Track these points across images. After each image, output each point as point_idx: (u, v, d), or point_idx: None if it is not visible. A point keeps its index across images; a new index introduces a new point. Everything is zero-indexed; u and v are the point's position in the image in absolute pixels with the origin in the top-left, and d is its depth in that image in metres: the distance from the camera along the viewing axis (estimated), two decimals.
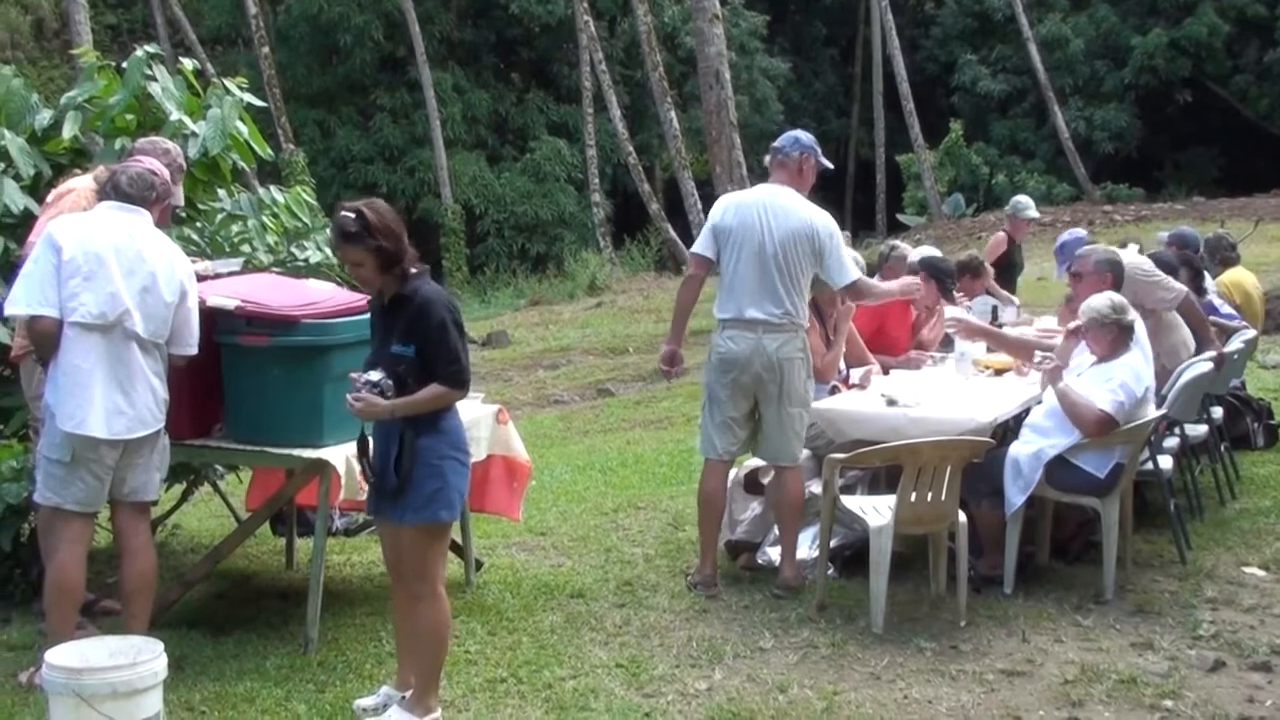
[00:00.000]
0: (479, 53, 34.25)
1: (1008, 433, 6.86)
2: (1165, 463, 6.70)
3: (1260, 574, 6.37)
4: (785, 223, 6.19)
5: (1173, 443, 7.10)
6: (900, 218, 31.72)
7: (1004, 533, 6.13)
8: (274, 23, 32.68)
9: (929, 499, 5.70)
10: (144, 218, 5.11)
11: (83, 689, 4.02)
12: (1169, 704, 4.90)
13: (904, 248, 8.76)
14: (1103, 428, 5.94)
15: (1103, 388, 5.99)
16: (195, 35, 31.03)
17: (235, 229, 6.88)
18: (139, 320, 4.95)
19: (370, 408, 4.47)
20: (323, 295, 5.63)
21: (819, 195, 6.56)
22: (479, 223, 31.32)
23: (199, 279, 5.40)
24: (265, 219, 6.97)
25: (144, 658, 4.18)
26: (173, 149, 5.74)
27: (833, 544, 6.22)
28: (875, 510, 5.87)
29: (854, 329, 7.38)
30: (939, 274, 7.97)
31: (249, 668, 5.31)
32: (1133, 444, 6.09)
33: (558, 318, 21.69)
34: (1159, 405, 6.56)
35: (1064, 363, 6.37)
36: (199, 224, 6.80)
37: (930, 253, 8.68)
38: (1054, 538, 6.59)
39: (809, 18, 39.52)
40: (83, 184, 5.69)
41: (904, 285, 6.96)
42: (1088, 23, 33.18)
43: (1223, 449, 7.91)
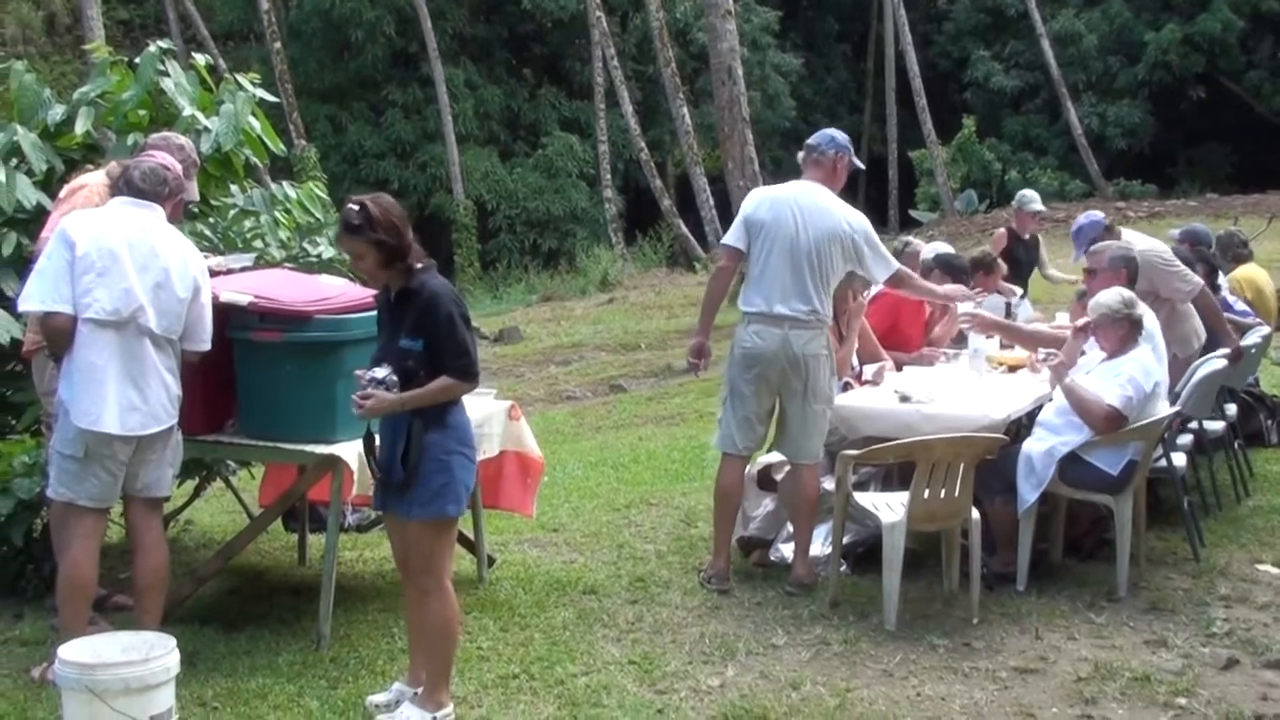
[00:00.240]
0: (491, 48, 34.23)
1: (1021, 429, 6.84)
2: (1179, 460, 6.68)
3: (1274, 571, 6.35)
4: (820, 222, 6.20)
5: (1186, 439, 7.08)
6: (912, 214, 31.66)
7: (1017, 530, 6.12)
8: (286, 18, 32.71)
9: (942, 496, 5.69)
10: (157, 213, 5.11)
11: (95, 684, 4.03)
12: (1182, 702, 4.89)
13: (917, 244, 8.74)
14: (1111, 424, 5.92)
15: (1111, 383, 5.97)
16: (207, 30, 31.08)
17: (248, 224, 6.88)
18: (152, 316, 4.95)
19: (379, 403, 4.47)
20: (335, 291, 5.63)
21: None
22: (491, 218, 31.31)
23: (211, 274, 5.40)
24: (278, 214, 6.97)
25: (157, 653, 4.19)
26: (186, 144, 5.74)
27: (845, 541, 6.20)
28: (888, 507, 5.86)
29: (867, 325, 7.36)
30: (953, 271, 7.93)
31: (261, 664, 5.31)
32: (1146, 441, 6.07)
33: (569, 313, 21.69)
34: (1172, 402, 6.54)
35: (1071, 360, 6.36)
36: (211, 219, 6.80)
37: (943, 249, 8.65)
38: (1067, 535, 6.57)
39: (821, 13, 39.44)
40: (95, 179, 5.70)
41: (951, 291, 7.08)
42: (1101, 18, 33.06)
43: (1236, 446, 7.88)
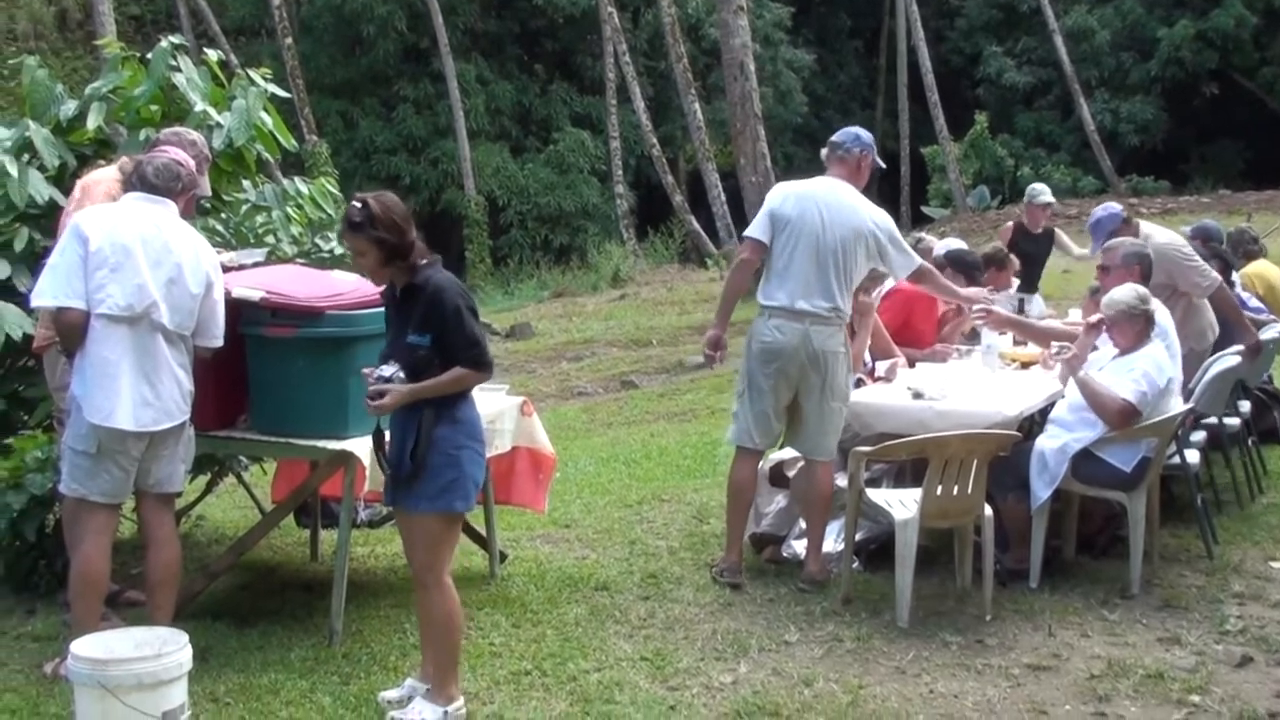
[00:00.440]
0: (502, 44, 34.24)
1: (1034, 426, 6.82)
2: (1192, 457, 6.65)
3: None
4: (845, 220, 6.20)
5: (1199, 436, 7.05)
6: (925, 210, 31.63)
7: (1030, 527, 6.10)
8: (297, 13, 32.76)
9: (955, 492, 5.67)
10: (170, 209, 5.10)
11: (108, 680, 4.04)
12: (1196, 699, 4.87)
13: (930, 240, 8.72)
14: (1125, 418, 5.90)
15: (1125, 378, 5.95)
16: (218, 26, 31.10)
17: (260, 220, 6.88)
18: (165, 312, 4.95)
19: (394, 397, 4.48)
20: (347, 286, 5.63)
21: None
22: (502, 214, 31.33)
23: (223, 270, 5.40)
24: (289, 210, 6.97)
25: (169, 649, 4.19)
26: (198, 140, 5.73)
27: (858, 537, 6.19)
28: (901, 503, 5.85)
29: (880, 322, 7.35)
30: (966, 267, 7.91)
31: (273, 659, 5.32)
32: (1159, 438, 6.04)
33: (581, 309, 21.68)
34: (1186, 398, 6.52)
35: (1083, 355, 6.33)
36: (224, 215, 6.81)
37: (956, 246, 8.63)
38: (1080, 532, 6.54)
39: (833, 9, 39.39)
40: (109, 175, 5.70)
41: (973, 294, 7.10)
42: (1114, 14, 32.98)
43: (1250, 443, 7.85)
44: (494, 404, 6.19)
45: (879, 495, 6.05)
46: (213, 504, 7.76)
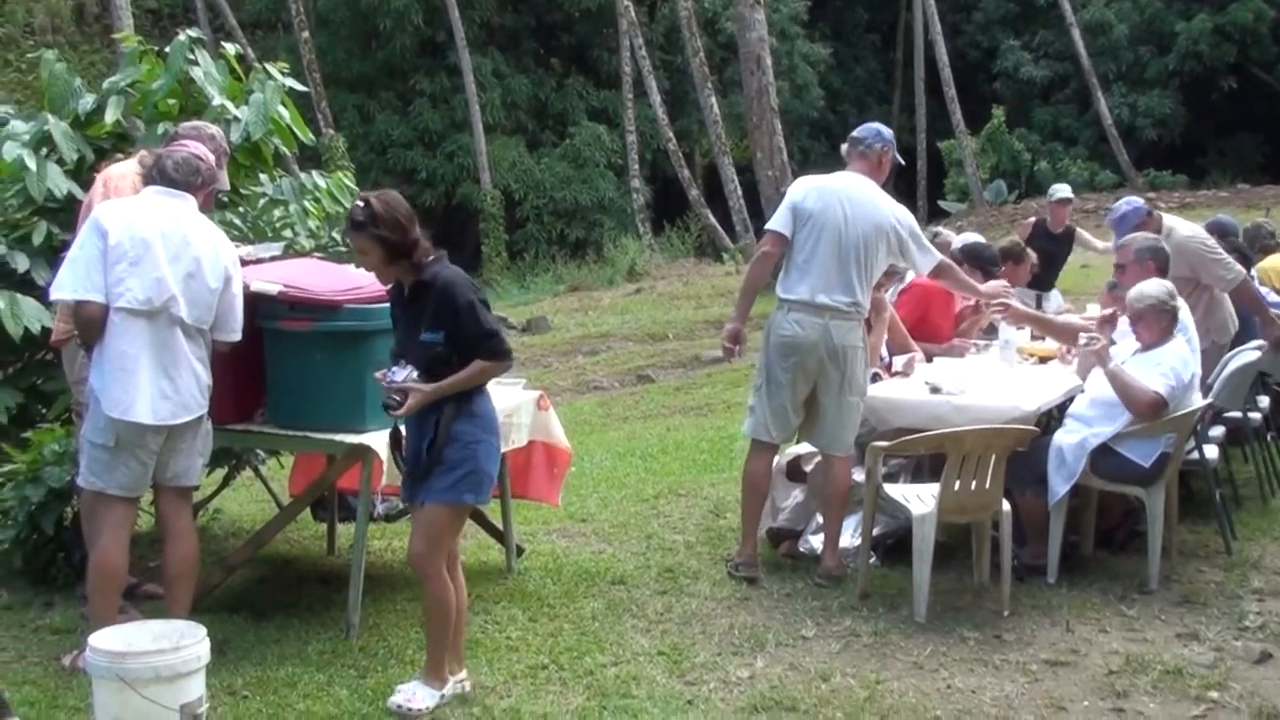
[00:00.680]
0: (519, 38, 34.21)
1: (1051, 421, 6.80)
2: (1211, 452, 6.62)
3: None
4: (867, 215, 6.20)
5: (1218, 431, 7.02)
6: (941, 204, 31.52)
7: (1048, 522, 6.08)
8: (314, 7, 32.75)
9: (973, 487, 5.66)
10: (189, 203, 5.11)
11: (126, 673, 4.05)
12: (1215, 695, 4.85)
13: (947, 234, 8.68)
14: (1155, 410, 5.88)
15: (1153, 372, 5.92)
16: (235, 20, 31.12)
17: (277, 214, 6.90)
18: (184, 306, 4.95)
19: (416, 398, 4.50)
20: (365, 280, 5.60)
21: None
22: (518, 208, 31.32)
23: (241, 264, 5.40)
24: (307, 204, 6.99)
25: (187, 642, 4.21)
26: (217, 134, 5.74)
27: (875, 532, 6.18)
28: (918, 498, 5.84)
29: (897, 316, 7.33)
30: (982, 262, 7.87)
31: (291, 652, 5.33)
32: (1179, 433, 6.02)
33: (597, 304, 21.66)
34: (1206, 392, 6.49)
35: (1084, 370, 6.31)
36: (241, 208, 6.83)
37: (973, 240, 8.58)
38: (1098, 527, 6.53)
39: (850, 3, 39.27)
40: (129, 169, 5.71)
41: (992, 289, 7.08)
42: (1131, 8, 32.80)
43: (1269, 438, 7.82)
44: (511, 398, 6.19)
45: (896, 490, 6.04)
46: (230, 497, 7.78)
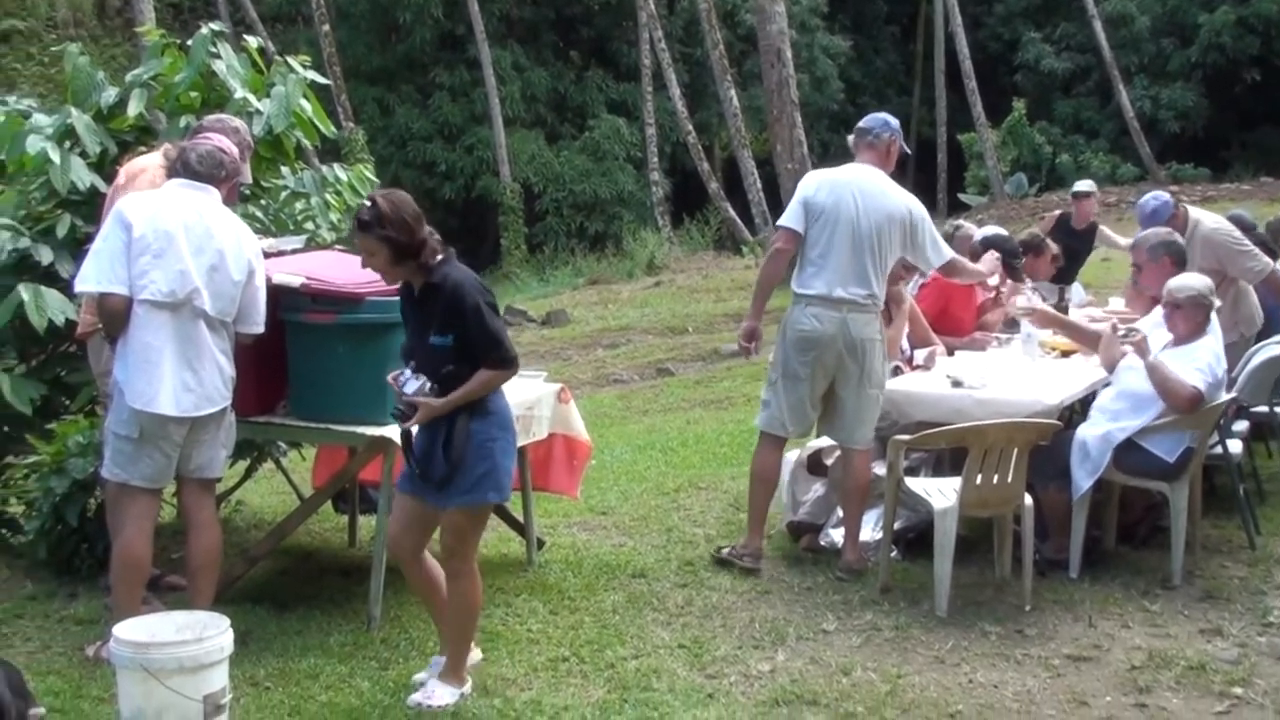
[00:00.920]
0: (538, 30, 34.20)
1: (1074, 415, 6.78)
2: (1235, 446, 6.59)
3: None
4: (879, 206, 6.19)
5: (1242, 426, 6.98)
6: (962, 197, 31.41)
7: (1070, 516, 6.06)
8: (334, 0, 32.78)
9: (995, 481, 5.64)
10: (213, 196, 5.13)
11: (150, 663, 4.07)
12: (1238, 691, 4.83)
13: (968, 227, 8.64)
14: (1193, 405, 5.85)
15: (1189, 366, 5.89)
16: (256, 13, 31.18)
17: (299, 206, 6.91)
18: (207, 298, 4.97)
19: (427, 412, 4.52)
20: None
21: None
22: (537, 201, 31.31)
23: (263, 256, 5.41)
24: (328, 197, 6.99)
25: (210, 633, 4.23)
26: (241, 127, 5.74)
27: (896, 526, 6.16)
28: (940, 492, 5.82)
29: (918, 309, 7.31)
30: (1004, 253, 7.83)
31: (313, 644, 5.35)
32: (1202, 428, 5.99)
33: (616, 297, 21.65)
34: (1229, 386, 6.45)
35: (1108, 362, 6.27)
36: (263, 201, 6.83)
37: (994, 232, 8.54)
38: (1121, 522, 6.49)
39: None
40: (153, 162, 5.72)
41: (989, 264, 7.11)
42: (1154, 0, 32.63)
43: None
44: (531, 391, 6.20)
45: (918, 484, 6.02)
46: (251, 489, 7.80)
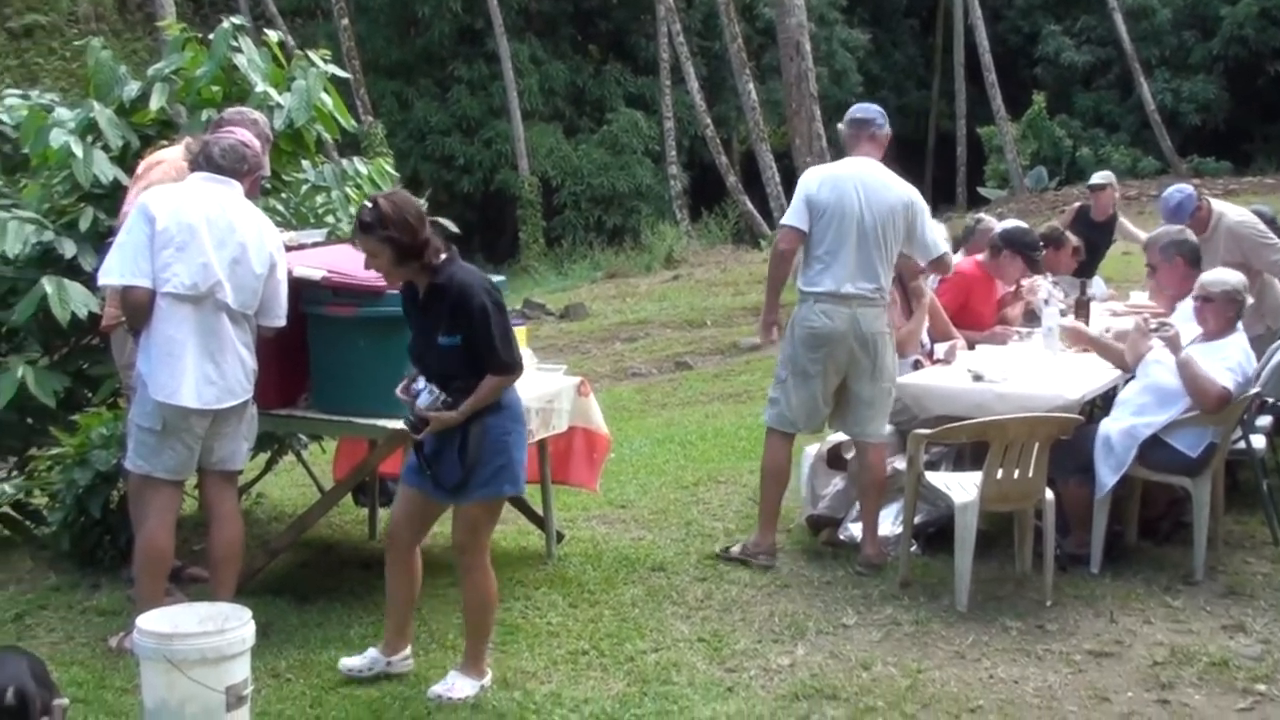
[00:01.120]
0: (556, 24, 34.20)
1: (1095, 409, 6.75)
2: (1258, 442, 6.56)
3: None
4: (883, 198, 6.17)
5: (1265, 421, 6.94)
6: (981, 191, 31.29)
7: (1091, 511, 6.03)
8: None
9: (1015, 476, 5.62)
10: (235, 189, 5.14)
11: (173, 654, 4.08)
12: (1261, 688, 4.81)
13: (989, 221, 8.59)
14: (1221, 404, 5.81)
15: (1219, 364, 5.85)
16: (275, 7, 31.22)
17: (320, 200, 6.93)
18: (229, 291, 4.99)
19: (439, 424, 4.55)
20: None
21: (899, 168, 6.48)
22: (556, 195, 31.31)
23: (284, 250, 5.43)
24: (349, 190, 7.01)
25: (232, 624, 4.24)
26: (260, 119, 5.76)
27: (916, 521, 6.15)
28: (960, 487, 5.80)
29: (938, 303, 7.29)
30: (1023, 247, 7.80)
31: (333, 636, 5.36)
32: (1226, 423, 5.96)
33: (634, 290, 21.64)
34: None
35: (1134, 356, 6.24)
36: (284, 195, 6.86)
37: (1013, 225, 8.49)
38: (1143, 517, 6.46)
39: None
40: (171, 155, 5.75)
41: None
42: None
43: None
44: (551, 384, 6.20)
45: (938, 478, 6.00)
46: (272, 482, 7.83)
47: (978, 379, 6.32)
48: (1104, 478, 5.95)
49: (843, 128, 6.43)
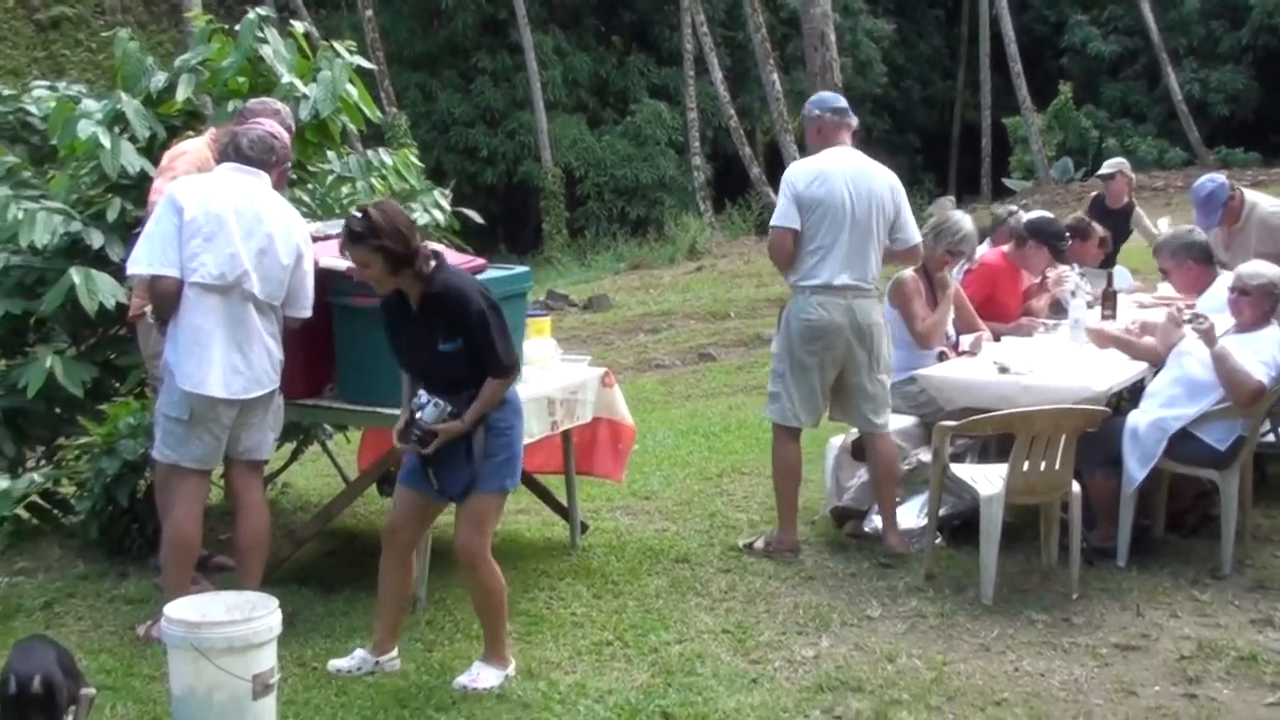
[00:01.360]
0: (580, 15, 34.16)
1: (1121, 401, 6.71)
2: None
3: None
4: (870, 187, 6.22)
5: None
6: (1006, 182, 31.11)
7: (1118, 504, 6.00)
8: None
9: (1042, 468, 5.60)
10: (263, 180, 5.16)
11: (201, 642, 4.11)
12: None
13: (1021, 213, 8.53)
14: (1255, 398, 5.78)
15: (1252, 358, 5.81)
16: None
17: (345, 191, 6.95)
18: (256, 282, 5.01)
19: (447, 435, 4.59)
20: None
21: (924, 159, 6.46)
22: (579, 186, 31.27)
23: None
24: (374, 181, 7.03)
25: (259, 613, 4.27)
26: (283, 109, 5.78)
27: (941, 513, 6.13)
28: (986, 479, 5.78)
29: (964, 295, 7.26)
30: (1049, 237, 7.76)
31: (359, 625, 5.38)
32: (1255, 416, 5.92)
33: (658, 282, 21.60)
34: None
35: (1164, 348, 6.20)
36: (310, 186, 6.88)
37: (1039, 216, 8.44)
38: (1170, 510, 6.43)
39: None
40: (196, 145, 5.77)
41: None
42: None
43: None
44: (576, 375, 6.21)
45: (963, 470, 5.99)
46: (297, 472, 7.86)
47: (1003, 371, 6.30)
48: (1133, 471, 5.92)
49: (823, 115, 6.37)
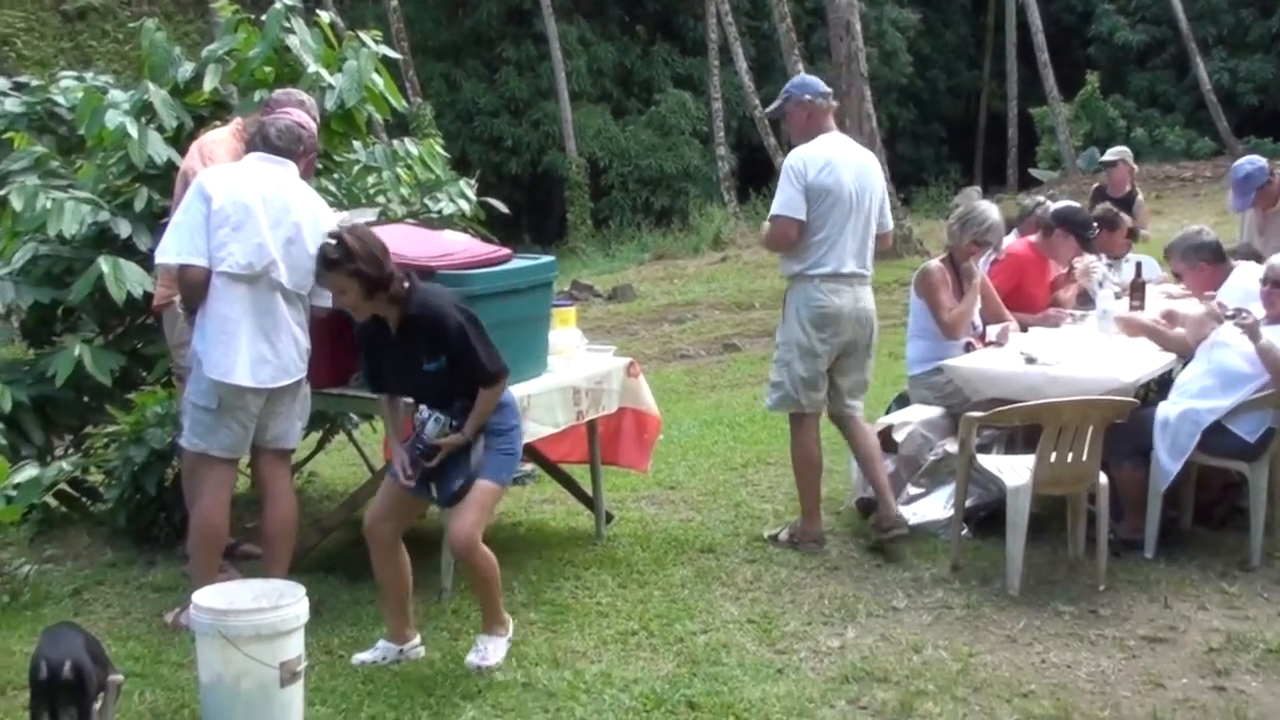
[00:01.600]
0: (604, 5, 34.11)
1: (1149, 392, 6.68)
2: None
3: None
4: (868, 174, 6.28)
5: None
6: (1033, 172, 30.94)
7: (1145, 495, 5.98)
8: None
9: (1069, 460, 5.58)
10: (291, 170, 5.17)
11: (228, 630, 4.12)
12: None
13: (1049, 205, 8.49)
14: None
15: None
16: None
17: (370, 180, 6.96)
18: (284, 271, 5.02)
19: (449, 446, 4.67)
20: (458, 246, 5.68)
21: (950, 150, 6.45)
22: (603, 176, 31.26)
23: None
24: (399, 170, 7.04)
25: (287, 601, 4.28)
26: (307, 100, 5.79)
27: (968, 504, 6.11)
28: (1013, 470, 5.76)
29: (991, 285, 7.22)
30: (1076, 226, 7.72)
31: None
32: None
33: (682, 272, 21.58)
34: None
35: (1195, 340, 6.16)
36: (336, 175, 6.89)
37: (1066, 205, 8.39)
38: (1198, 501, 6.40)
39: None
40: (222, 135, 5.78)
41: None
42: None
43: None
44: (601, 365, 6.22)
45: (990, 461, 5.97)
46: (323, 461, 7.89)
47: (1030, 361, 6.28)
48: (1165, 464, 5.88)
49: (814, 100, 6.30)
